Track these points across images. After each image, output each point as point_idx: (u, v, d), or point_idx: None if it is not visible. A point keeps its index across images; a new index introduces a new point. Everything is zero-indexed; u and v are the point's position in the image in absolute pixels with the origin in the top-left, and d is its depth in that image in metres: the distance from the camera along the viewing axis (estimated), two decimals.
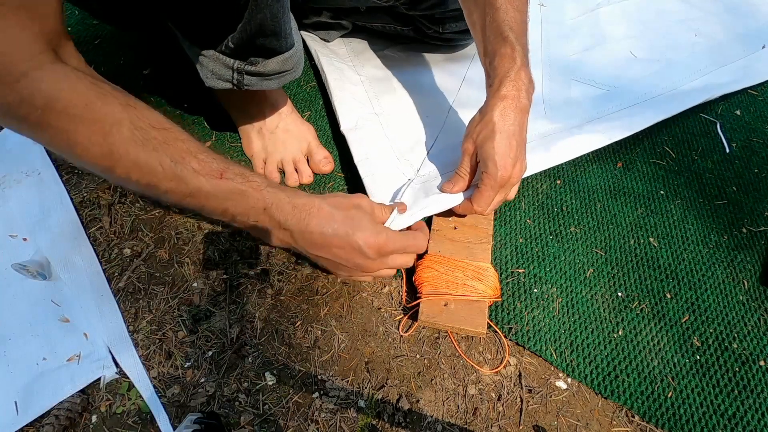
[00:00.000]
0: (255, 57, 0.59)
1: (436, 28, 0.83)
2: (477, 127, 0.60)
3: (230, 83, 0.62)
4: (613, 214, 0.73)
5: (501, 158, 0.57)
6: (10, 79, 0.40)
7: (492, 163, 0.57)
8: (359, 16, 0.87)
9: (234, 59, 0.59)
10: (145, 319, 0.62)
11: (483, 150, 0.58)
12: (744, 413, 0.56)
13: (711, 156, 0.81)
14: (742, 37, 0.98)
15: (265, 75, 0.62)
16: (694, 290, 0.65)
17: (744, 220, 0.73)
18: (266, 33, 0.56)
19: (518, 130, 0.58)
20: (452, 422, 0.56)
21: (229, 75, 0.61)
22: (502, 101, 0.58)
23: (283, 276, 0.66)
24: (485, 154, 0.58)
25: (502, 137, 0.57)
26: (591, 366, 0.59)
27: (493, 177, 0.58)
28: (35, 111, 0.42)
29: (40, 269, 0.64)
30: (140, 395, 0.57)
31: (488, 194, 0.59)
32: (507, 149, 0.57)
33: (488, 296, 0.61)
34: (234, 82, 0.61)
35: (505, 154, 0.57)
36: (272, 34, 0.57)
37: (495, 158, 0.57)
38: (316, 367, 0.59)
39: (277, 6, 0.54)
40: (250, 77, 0.61)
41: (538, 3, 1.03)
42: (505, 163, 0.57)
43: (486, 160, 0.58)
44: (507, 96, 0.58)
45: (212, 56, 0.59)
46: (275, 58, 0.61)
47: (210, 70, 0.60)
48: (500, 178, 0.58)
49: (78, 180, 0.75)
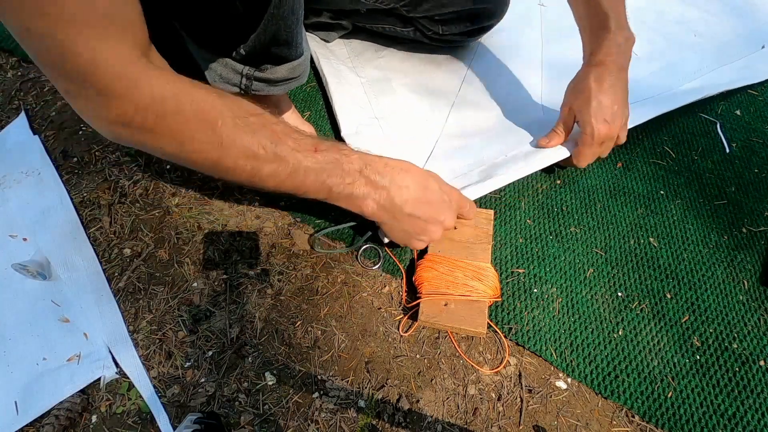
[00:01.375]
0: (265, 64, 0.60)
1: (435, 29, 0.83)
2: (572, 94, 0.67)
3: (238, 88, 0.62)
4: (613, 214, 0.73)
5: (597, 121, 0.64)
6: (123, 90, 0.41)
7: (589, 127, 0.65)
8: (359, 17, 0.87)
9: (244, 65, 0.60)
10: (145, 319, 0.62)
11: (581, 114, 0.66)
12: (744, 413, 0.56)
13: (711, 156, 0.81)
14: (742, 38, 0.98)
15: (273, 81, 0.63)
16: (694, 290, 0.65)
17: (744, 220, 0.73)
18: (279, 42, 0.57)
19: (612, 92, 0.64)
20: (452, 422, 0.56)
21: (237, 80, 0.61)
22: (597, 67, 0.64)
23: (283, 276, 0.66)
24: (583, 119, 0.66)
25: (598, 102, 0.64)
26: (591, 366, 0.59)
27: (590, 137, 0.65)
28: (151, 117, 0.43)
29: (40, 269, 0.64)
30: (140, 395, 0.57)
31: (586, 152, 0.67)
32: (601, 112, 0.64)
33: (488, 296, 0.61)
34: (242, 87, 0.62)
35: (599, 116, 0.64)
36: (284, 44, 0.58)
37: (591, 122, 0.64)
38: (316, 367, 0.59)
39: (292, 18, 0.55)
40: (258, 83, 0.62)
41: (538, 3, 1.03)
42: (600, 126, 0.64)
43: (584, 124, 0.65)
44: (601, 62, 0.64)
45: (222, 61, 0.59)
46: (284, 66, 0.62)
47: (218, 74, 0.61)
48: (597, 138, 0.65)
49: (78, 180, 0.75)
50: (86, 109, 0.43)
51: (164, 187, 0.74)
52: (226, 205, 0.73)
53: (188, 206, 0.72)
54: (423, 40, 0.87)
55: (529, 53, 0.93)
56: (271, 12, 0.53)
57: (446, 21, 0.82)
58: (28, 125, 0.82)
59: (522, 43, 0.94)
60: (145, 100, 0.42)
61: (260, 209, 0.72)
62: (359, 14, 0.85)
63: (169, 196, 0.73)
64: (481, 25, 0.84)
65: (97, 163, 0.77)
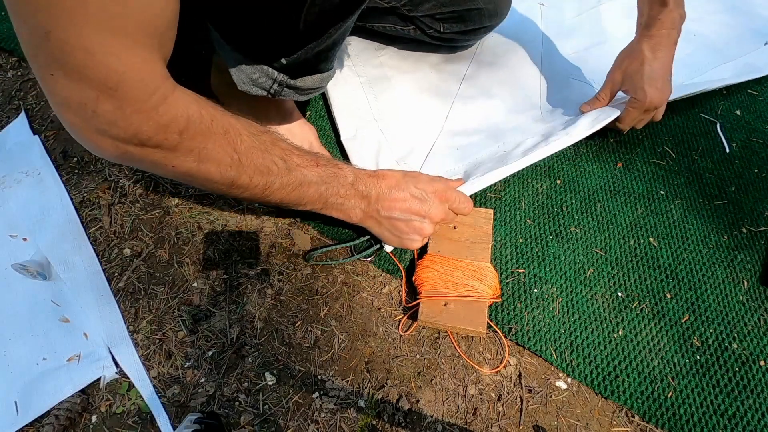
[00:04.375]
0: (301, 74, 0.61)
1: (436, 27, 0.83)
2: (626, 60, 0.71)
3: (266, 92, 0.62)
4: (613, 214, 0.73)
5: (649, 87, 0.68)
6: (148, 107, 0.40)
7: (642, 92, 0.68)
8: (360, 15, 0.87)
9: (280, 72, 0.60)
10: (145, 319, 0.62)
11: (632, 80, 0.69)
12: (744, 413, 0.56)
13: (711, 156, 0.81)
14: (742, 36, 0.98)
15: (302, 89, 0.64)
16: (694, 290, 0.65)
17: (744, 220, 0.73)
18: (321, 59, 0.59)
19: (663, 63, 0.69)
20: (452, 422, 0.56)
21: (268, 85, 0.61)
22: (652, 38, 0.69)
23: (283, 276, 0.66)
24: (634, 84, 0.69)
25: (651, 69, 0.68)
26: (591, 366, 0.59)
27: (642, 102, 0.69)
28: (172, 136, 0.42)
29: (40, 269, 0.64)
30: (140, 395, 0.57)
31: (634, 116, 0.70)
32: (653, 80, 0.68)
33: (488, 296, 0.61)
34: (271, 91, 0.62)
35: (652, 83, 0.68)
36: (325, 60, 0.60)
37: (644, 87, 0.68)
38: (316, 367, 0.59)
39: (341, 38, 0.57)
40: (288, 89, 0.63)
41: (538, 2, 1.03)
42: (652, 91, 0.68)
43: (636, 88, 0.69)
44: (655, 35, 0.69)
45: (257, 66, 0.59)
46: (315, 76, 0.63)
47: (249, 77, 0.61)
48: (648, 103, 0.69)
49: (78, 180, 0.75)
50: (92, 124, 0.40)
51: (164, 187, 0.74)
52: (226, 205, 0.73)
53: (188, 206, 0.72)
54: (423, 38, 0.87)
55: (529, 53, 0.93)
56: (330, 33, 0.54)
57: (447, 19, 0.82)
58: (28, 125, 0.82)
59: (522, 43, 0.94)
60: (169, 118, 0.41)
61: (260, 209, 0.72)
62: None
63: (169, 196, 0.73)
64: (482, 25, 0.84)
65: (97, 163, 0.77)
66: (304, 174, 0.53)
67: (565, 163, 0.78)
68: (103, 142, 0.41)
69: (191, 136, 0.43)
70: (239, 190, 0.50)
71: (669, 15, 0.68)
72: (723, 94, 0.90)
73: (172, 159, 0.45)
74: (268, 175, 0.50)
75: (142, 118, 0.40)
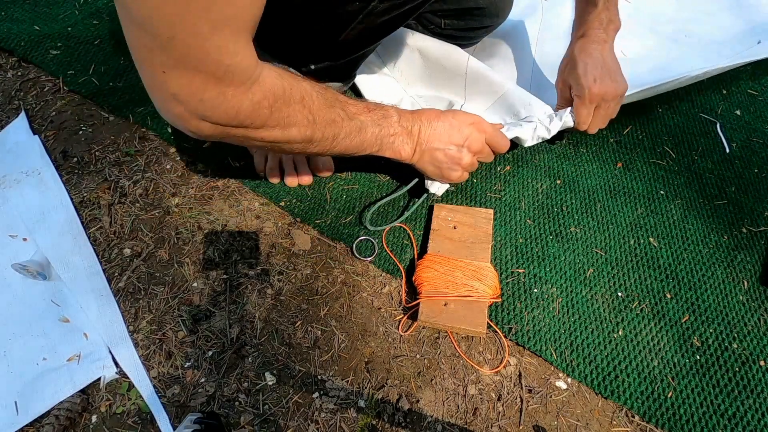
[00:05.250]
0: (326, 81, 0.63)
1: (438, 23, 0.83)
2: (563, 67, 0.73)
3: None
4: (613, 214, 0.73)
5: (585, 80, 0.68)
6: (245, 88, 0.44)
7: (578, 85, 0.69)
8: None
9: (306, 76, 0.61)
10: (145, 319, 0.62)
11: (570, 79, 0.71)
12: (744, 413, 0.56)
13: (711, 156, 0.81)
14: (737, 36, 0.97)
15: None
16: (694, 290, 0.65)
17: (744, 220, 0.73)
18: (348, 68, 0.62)
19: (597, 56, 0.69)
20: (452, 422, 0.56)
21: None
22: (580, 39, 0.71)
23: (283, 276, 0.66)
24: (572, 81, 0.70)
25: (584, 64, 0.69)
26: (591, 366, 0.59)
27: (581, 96, 0.69)
28: (264, 111, 0.47)
29: (40, 269, 0.64)
30: (140, 395, 0.57)
31: (582, 111, 0.70)
32: (588, 73, 0.68)
33: (488, 296, 0.61)
34: None
35: (588, 76, 0.68)
36: (351, 68, 0.63)
37: (579, 81, 0.68)
38: (316, 367, 0.59)
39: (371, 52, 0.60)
40: None
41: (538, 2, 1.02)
42: (589, 83, 0.68)
43: (576, 86, 0.70)
44: (584, 35, 0.71)
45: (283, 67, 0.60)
46: (336, 84, 0.65)
47: None
48: (588, 95, 0.68)
49: (78, 180, 0.75)
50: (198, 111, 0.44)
51: (164, 187, 0.74)
52: (226, 205, 0.73)
53: (188, 206, 0.72)
54: (425, 33, 0.87)
55: (523, 53, 0.93)
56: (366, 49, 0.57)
57: (449, 16, 0.82)
58: (28, 125, 0.82)
59: (526, 39, 0.94)
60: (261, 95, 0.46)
61: (260, 209, 0.72)
62: None
63: (169, 196, 0.73)
64: (482, 24, 0.84)
65: (97, 163, 0.77)
66: (361, 120, 0.57)
67: (565, 163, 0.78)
68: (204, 126, 0.46)
69: (278, 107, 0.48)
70: (312, 144, 0.54)
71: (597, 15, 0.70)
72: (723, 94, 0.90)
73: (262, 132, 0.49)
74: (335, 126, 0.54)
75: (241, 99, 0.44)
